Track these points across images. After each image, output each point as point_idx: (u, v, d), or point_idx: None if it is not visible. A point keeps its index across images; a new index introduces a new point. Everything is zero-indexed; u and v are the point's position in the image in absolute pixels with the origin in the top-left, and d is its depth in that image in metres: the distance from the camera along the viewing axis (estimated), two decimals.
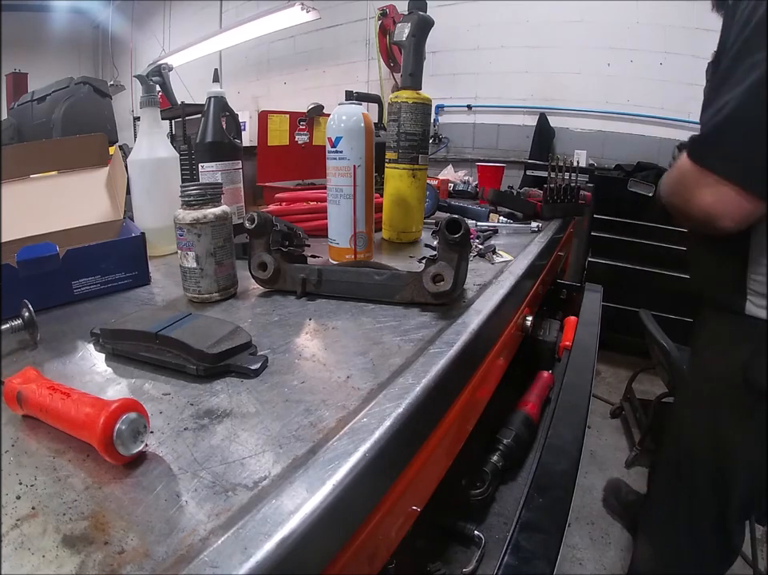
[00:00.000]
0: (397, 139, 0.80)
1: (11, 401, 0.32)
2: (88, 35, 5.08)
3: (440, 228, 0.49)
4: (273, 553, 0.22)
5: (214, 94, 0.76)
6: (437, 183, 1.45)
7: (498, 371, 0.64)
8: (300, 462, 0.28)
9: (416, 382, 0.37)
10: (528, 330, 0.74)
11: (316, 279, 0.57)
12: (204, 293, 0.54)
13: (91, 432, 0.27)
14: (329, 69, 3.63)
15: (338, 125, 0.63)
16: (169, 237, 0.60)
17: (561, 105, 2.77)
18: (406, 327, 0.48)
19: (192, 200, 0.52)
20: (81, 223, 0.60)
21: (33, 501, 0.25)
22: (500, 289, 0.61)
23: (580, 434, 0.61)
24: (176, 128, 2.98)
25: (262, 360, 0.39)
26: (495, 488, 0.64)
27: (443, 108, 3.14)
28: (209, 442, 0.30)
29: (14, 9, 4.27)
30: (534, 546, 0.43)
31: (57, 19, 4.59)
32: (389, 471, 0.33)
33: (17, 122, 1.59)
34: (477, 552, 0.55)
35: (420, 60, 0.80)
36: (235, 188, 0.80)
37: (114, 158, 0.74)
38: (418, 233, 0.87)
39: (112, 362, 0.41)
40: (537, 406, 0.78)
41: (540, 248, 0.88)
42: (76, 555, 0.22)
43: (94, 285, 0.57)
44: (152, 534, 0.23)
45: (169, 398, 0.35)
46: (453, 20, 2.91)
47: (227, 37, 3.52)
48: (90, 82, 1.51)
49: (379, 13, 2.81)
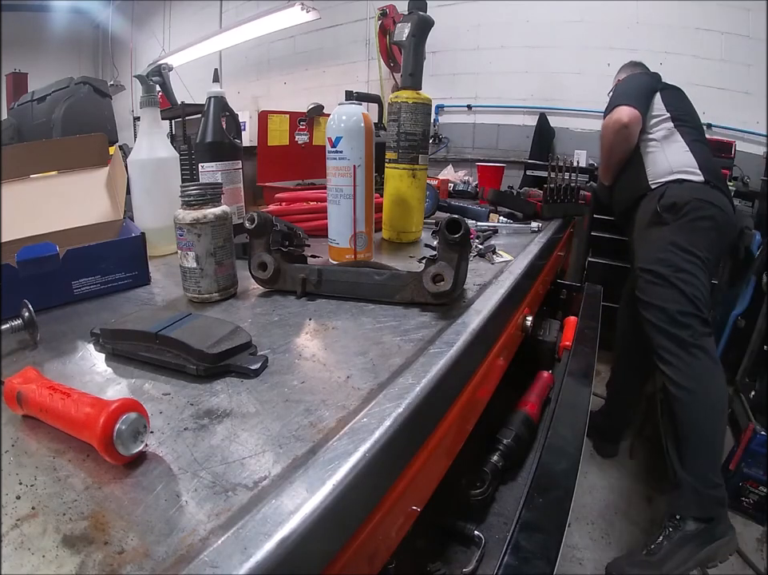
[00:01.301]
0: (397, 139, 0.80)
1: (11, 401, 0.32)
2: (88, 35, 5.07)
3: (440, 228, 0.49)
4: (273, 553, 0.22)
5: (214, 94, 0.76)
6: (437, 183, 1.45)
7: (498, 371, 0.64)
8: (300, 462, 0.28)
9: (416, 382, 0.37)
10: (528, 330, 0.74)
11: (316, 279, 0.57)
12: (204, 293, 0.54)
13: (91, 432, 0.27)
14: (329, 69, 3.63)
15: (338, 125, 0.63)
16: (169, 237, 0.60)
17: (561, 105, 2.77)
18: (406, 327, 0.48)
19: (192, 200, 0.52)
20: (81, 223, 0.60)
21: (33, 501, 0.25)
22: (500, 289, 0.61)
23: (580, 434, 0.61)
24: (176, 128, 2.99)
25: (262, 360, 0.39)
26: (495, 488, 0.64)
27: (443, 108, 3.14)
28: (209, 442, 0.30)
29: (14, 9, 4.27)
30: (534, 546, 0.43)
31: (57, 19, 4.59)
32: (389, 471, 0.33)
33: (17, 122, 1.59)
34: (477, 552, 0.55)
35: (420, 60, 0.80)
36: (235, 188, 0.80)
37: (114, 158, 0.74)
38: (418, 233, 0.87)
39: (112, 362, 0.41)
40: (537, 406, 0.78)
41: (540, 248, 0.88)
42: (76, 555, 0.22)
43: (94, 285, 0.57)
44: (152, 534, 0.23)
45: (169, 398, 0.35)
46: (453, 20, 2.91)
47: (227, 37, 3.52)
48: (90, 82, 1.51)
49: (379, 13, 2.80)
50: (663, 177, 1.36)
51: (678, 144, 1.36)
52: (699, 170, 1.31)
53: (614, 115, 1.36)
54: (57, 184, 0.73)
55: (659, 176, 1.37)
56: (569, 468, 0.54)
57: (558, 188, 1.20)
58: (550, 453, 0.57)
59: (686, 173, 1.33)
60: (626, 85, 1.46)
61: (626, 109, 1.33)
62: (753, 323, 1.86)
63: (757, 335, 1.83)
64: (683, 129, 1.37)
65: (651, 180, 1.38)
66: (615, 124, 1.35)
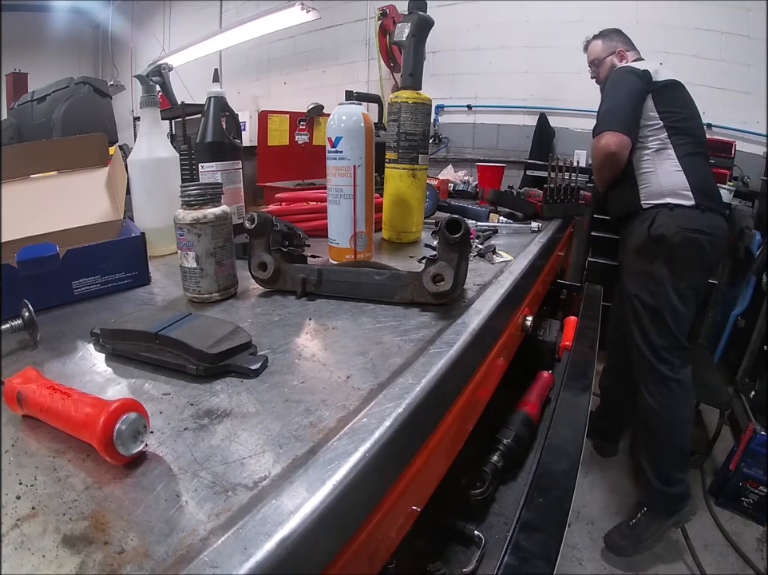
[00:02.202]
0: (397, 139, 0.80)
1: (11, 401, 0.32)
2: (88, 35, 5.08)
3: (440, 228, 0.49)
4: (273, 553, 0.22)
5: (214, 94, 0.76)
6: (437, 183, 1.45)
7: (498, 371, 0.64)
8: (300, 462, 0.28)
9: (416, 382, 0.37)
10: (528, 330, 0.74)
11: (316, 279, 0.57)
12: (204, 293, 0.54)
13: (91, 432, 0.27)
14: (329, 69, 3.63)
15: (338, 125, 0.63)
16: (169, 237, 0.60)
17: (561, 105, 2.77)
18: (406, 327, 0.48)
19: (192, 200, 0.52)
20: (81, 223, 0.60)
21: (33, 501, 0.25)
22: (500, 289, 0.61)
23: (580, 434, 0.61)
24: (176, 128, 2.98)
25: (262, 360, 0.39)
26: (495, 488, 0.64)
27: (443, 108, 3.14)
28: (209, 442, 0.30)
29: (14, 9, 4.27)
30: (534, 546, 0.43)
31: (57, 19, 4.59)
32: (389, 471, 0.33)
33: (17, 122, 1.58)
34: (477, 552, 0.55)
35: (420, 60, 0.80)
36: (235, 188, 0.80)
37: (114, 158, 0.74)
38: (418, 233, 0.87)
39: (112, 362, 0.41)
40: (537, 406, 0.78)
41: (540, 248, 0.88)
42: (76, 555, 0.22)
43: (94, 285, 0.57)
44: (152, 534, 0.23)
45: (169, 398, 0.35)
46: (453, 20, 2.91)
47: (227, 37, 3.52)
48: (90, 82, 1.51)
49: (379, 13, 2.80)
50: (655, 199, 1.36)
51: (670, 161, 1.35)
52: (691, 191, 1.32)
53: (602, 140, 1.34)
54: (57, 184, 0.73)
55: (651, 197, 1.37)
56: (569, 468, 0.54)
57: (558, 188, 1.20)
58: (550, 453, 0.57)
59: (676, 196, 1.33)
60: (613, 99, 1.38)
61: (614, 137, 1.32)
62: (753, 323, 1.86)
63: (757, 335, 1.83)
64: (677, 140, 1.35)
65: (643, 200, 1.39)
66: (603, 151, 1.35)
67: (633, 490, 1.63)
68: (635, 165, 1.40)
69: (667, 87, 1.38)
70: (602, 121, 1.37)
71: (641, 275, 1.39)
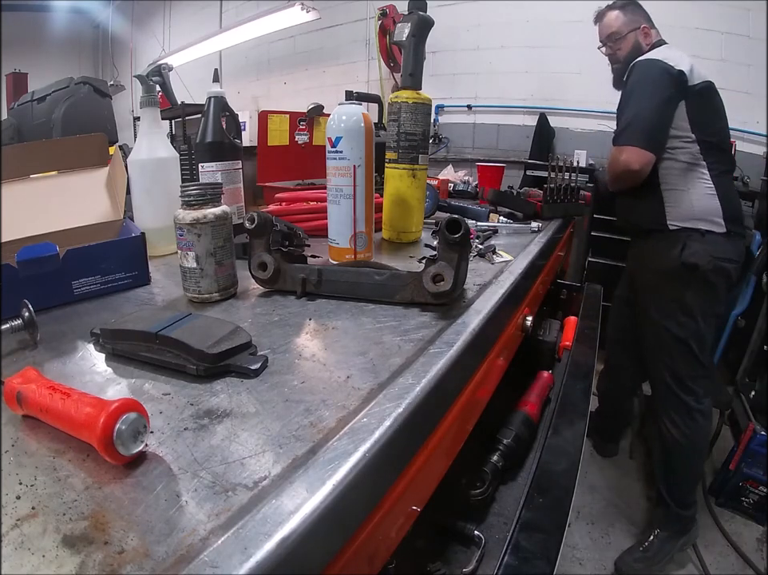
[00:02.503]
0: (397, 139, 0.80)
1: (11, 401, 0.32)
2: (88, 35, 5.07)
3: (440, 228, 0.49)
4: (273, 553, 0.22)
5: (214, 94, 0.76)
6: (437, 183, 1.45)
7: (498, 371, 0.64)
8: (300, 462, 0.28)
9: (416, 382, 0.37)
10: (528, 330, 0.74)
11: (316, 279, 0.57)
12: (204, 293, 0.54)
13: (91, 432, 0.27)
14: (329, 69, 3.63)
15: (338, 125, 0.63)
16: (169, 237, 0.60)
17: (561, 105, 2.77)
18: (406, 327, 0.48)
19: (192, 200, 0.52)
20: (81, 223, 0.60)
21: (33, 501, 0.25)
22: (500, 289, 0.61)
23: (580, 434, 0.61)
24: (176, 128, 2.99)
25: (262, 360, 0.39)
26: (495, 488, 0.64)
27: (443, 108, 3.14)
28: (209, 442, 0.30)
29: (14, 9, 4.27)
30: (534, 546, 0.43)
31: (57, 19, 4.59)
32: (389, 471, 0.33)
33: (17, 122, 1.58)
34: (477, 552, 0.55)
35: (420, 60, 0.80)
36: (235, 188, 0.80)
37: (114, 158, 0.74)
38: (418, 233, 0.87)
39: (112, 362, 0.41)
40: (537, 406, 0.78)
41: (540, 248, 0.88)
42: (76, 555, 0.22)
43: (94, 285, 0.57)
44: (152, 534, 0.23)
45: (169, 398, 0.35)
46: (453, 20, 2.91)
47: (227, 37, 3.52)
48: (90, 82, 1.51)
49: (379, 13, 2.80)
50: (684, 222, 1.26)
51: (704, 183, 1.24)
52: (722, 218, 1.24)
53: (623, 154, 1.22)
54: (57, 184, 0.73)
55: (679, 219, 1.27)
56: (569, 468, 0.54)
57: (558, 188, 1.20)
58: (550, 453, 0.57)
59: (708, 223, 1.24)
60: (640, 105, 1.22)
61: (637, 154, 1.20)
62: (753, 323, 1.87)
63: (757, 335, 1.83)
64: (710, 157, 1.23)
65: (669, 220, 1.28)
66: (624, 166, 1.23)
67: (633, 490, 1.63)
68: (662, 179, 1.28)
69: (702, 95, 1.23)
70: (626, 131, 1.23)
71: (671, 304, 1.31)
